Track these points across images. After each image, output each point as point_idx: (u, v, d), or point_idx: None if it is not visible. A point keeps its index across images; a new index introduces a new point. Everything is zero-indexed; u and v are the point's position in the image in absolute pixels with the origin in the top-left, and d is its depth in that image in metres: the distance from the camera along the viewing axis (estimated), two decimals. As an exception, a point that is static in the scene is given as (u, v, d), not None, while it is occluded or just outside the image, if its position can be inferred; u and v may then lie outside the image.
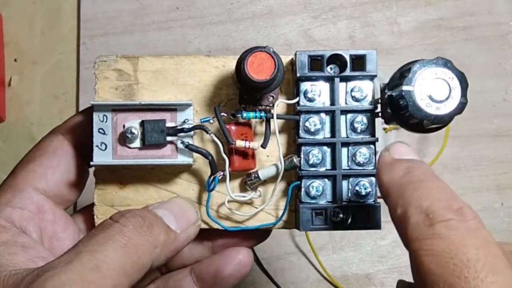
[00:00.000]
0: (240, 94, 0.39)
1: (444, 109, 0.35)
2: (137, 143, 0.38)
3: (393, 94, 0.36)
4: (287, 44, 0.70)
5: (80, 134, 0.39)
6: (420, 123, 0.36)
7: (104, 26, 0.70)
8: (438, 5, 0.70)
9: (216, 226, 0.40)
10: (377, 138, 0.39)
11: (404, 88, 0.35)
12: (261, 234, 0.42)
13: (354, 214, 0.38)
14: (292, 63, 0.39)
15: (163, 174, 0.40)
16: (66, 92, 0.69)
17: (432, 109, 0.35)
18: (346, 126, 0.39)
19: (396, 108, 0.36)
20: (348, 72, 0.38)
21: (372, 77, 0.38)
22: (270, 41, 0.70)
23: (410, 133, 0.39)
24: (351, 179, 0.38)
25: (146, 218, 0.35)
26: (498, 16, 0.70)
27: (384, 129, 0.65)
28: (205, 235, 0.41)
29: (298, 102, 0.38)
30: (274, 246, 0.67)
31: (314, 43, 0.70)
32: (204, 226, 0.40)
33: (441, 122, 0.35)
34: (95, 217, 0.40)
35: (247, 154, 0.39)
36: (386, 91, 0.36)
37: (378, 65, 0.70)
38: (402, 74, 0.36)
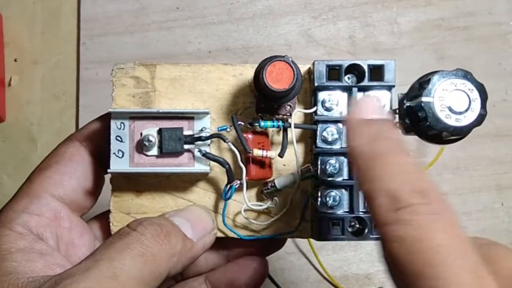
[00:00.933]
0: (257, 102, 0.39)
1: (464, 121, 0.35)
2: (154, 151, 0.37)
3: (412, 105, 0.35)
4: (287, 44, 0.70)
5: (97, 141, 0.39)
6: (439, 134, 0.35)
7: (104, 26, 0.70)
8: (438, 5, 0.70)
9: (232, 234, 0.40)
10: None
11: (424, 99, 0.35)
12: (276, 243, 0.43)
13: (371, 225, 0.38)
14: (310, 72, 0.39)
15: (179, 182, 0.40)
16: (66, 92, 0.69)
17: (452, 121, 0.35)
18: None
19: (415, 119, 0.36)
20: (366, 82, 0.38)
21: (390, 87, 0.38)
22: (270, 41, 0.70)
23: (411, 138, 0.38)
24: None
25: (163, 227, 0.35)
26: (498, 16, 0.70)
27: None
28: (221, 243, 0.41)
29: (315, 112, 0.38)
30: (274, 246, 0.67)
31: (314, 43, 0.70)
32: (220, 234, 0.40)
33: (461, 133, 0.35)
34: (111, 224, 0.40)
35: (264, 163, 0.39)
36: (405, 101, 0.36)
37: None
38: (421, 85, 0.35)
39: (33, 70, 0.70)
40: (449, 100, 0.35)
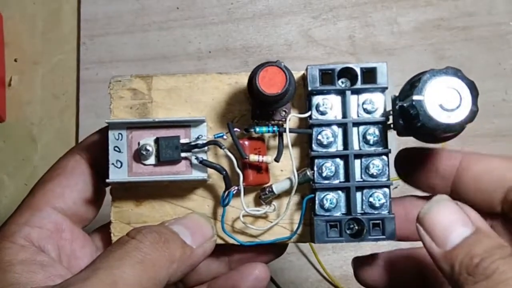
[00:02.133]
0: (253, 109, 0.39)
1: (455, 118, 0.35)
2: (152, 160, 0.38)
3: (404, 104, 0.36)
4: (287, 44, 0.70)
5: (96, 153, 0.40)
6: (432, 132, 0.36)
7: (104, 26, 0.70)
8: (438, 5, 0.70)
9: (231, 241, 0.40)
10: (390, 150, 0.39)
11: (415, 97, 0.35)
12: (277, 249, 0.43)
13: (369, 226, 0.38)
14: (304, 78, 0.39)
15: (178, 191, 0.40)
16: (66, 92, 0.70)
17: (443, 118, 0.35)
18: (359, 138, 0.39)
19: (408, 118, 0.36)
20: (359, 85, 0.38)
21: (383, 89, 0.39)
22: (270, 41, 0.70)
23: (411, 138, 0.39)
24: (364, 191, 0.39)
25: (162, 234, 0.35)
26: (497, 16, 0.70)
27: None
28: (222, 250, 0.41)
29: (310, 116, 0.39)
30: (274, 246, 0.67)
31: (314, 43, 0.70)
32: (220, 241, 0.40)
33: (453, 130, 0.35)
34: (112, 234, 0.40)
35: (261, 168, 0.39)
36: (397, 102, 0.37)
37: (378, 65, 0.69)
38: (412, 84, 0.36)
39: (33, 70, 0.70)
40: (440, 98, 0.35)
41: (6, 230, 0.36)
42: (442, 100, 0.35)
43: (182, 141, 0.38)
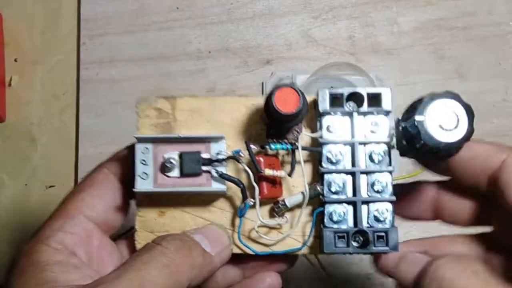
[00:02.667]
0: (268, 129, 0.42)
1: (453, 137, 0.38)
2: (175, 173, 0.40)
3: (407, 125, 0.39)
4: (287, 44, 0.70)
5: (124, 167, 0.42)
6: (432, 150, 0.38)
7: (104, 26, 0.70)
8: (438, 5, 0.71)
9: (247, 250, 0.42)
10: (394, 168, 0.41)
11: (417, 118, 0.38)
12: (289, 259, 0.45)
13: (374, 237, 0.41)
14: (315, 101, 0.42)
15: (198, 202, 0.42)
16: (66, 92, 0.70)
17: (443, 137, 0.38)
18: (365, 157, 0.41)
19: (410, 138, 0.39)
20: (365, 108, 0.41)
21: (387, 112, 0.41)
22: (270, 41, 0.70)
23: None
24: (370, 205, 0.41)
25: (185, 242, 0.38)
26: (497, 16, 0.70)
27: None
28: (237, 259, 0.43)
29: (321, 136, 0.41)
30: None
31: (314, 43, 0.70)
32: (236, 250, 0.42)
33: (451, 148, 0.39)
34: (136, 242, 0.42)
35: (275, 183, 0.41)
36: (400, 123, 0.40)
37: (378, 66, 0.70)
38: (414, 106, 0.39)
39: (33, 70, 0.70)
40: (439, 119, 0.38)
41: (41, 235, 0.39)
42: (442, 120, 0.38)
43: (203, 156, 0.40)
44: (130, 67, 0.69)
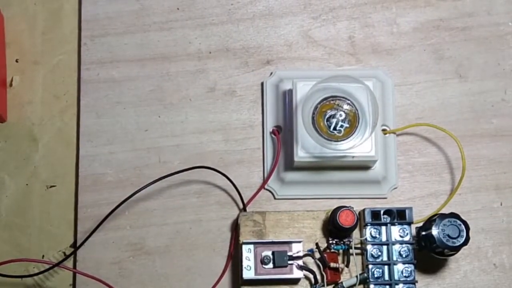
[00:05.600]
0: (330, 234, 0.62)
1: (457, 243, 0.58)
2: (270, 265, 0.60)
3: (426, 233, 0.60)
4: (287, 45, 0.70)
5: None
6: (442, 250, 0.59)
7: (105, 27, 0.70)
8: (437, 6, 0.71)
9: None
10: (416, 261, 0.60)
11: (433, 231, 0.59)
12: None
13: None
14: (360, 214, 0.62)
15: (285, 285, 0.61)
16: (67, 92, 0.70)
17: (450, 243, 0.58)
18: (397, 253, 0.61)
19: (428, 242, 0.60)
20: (396, 220, 0.61)
21: (409, 223, 0.61)
22: (270, 41, 0.70)
23: (410, 139, 0.57)
24: (400, 285, 0.61)
25: None
26: (497, 17, 0.70)
27: (383, 130, 0.66)
28: None
29: (366, 239, 0.61)
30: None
31: (314, 43, 0.70)
32: None
33: (456, 250, 0.59)
34: None
35: (337, 270, 0.60)
36: (421, 231, 0.61)
37: (378, 66, 0.70)
38: (431, 222, 0.59)
39: (34, 70, 0.70)
40: (447, 230, 0.58)
41: None
42: (449, 232, 0.58)
43: (289, 253, 0.60)
44: (131, 68, 0.69)
